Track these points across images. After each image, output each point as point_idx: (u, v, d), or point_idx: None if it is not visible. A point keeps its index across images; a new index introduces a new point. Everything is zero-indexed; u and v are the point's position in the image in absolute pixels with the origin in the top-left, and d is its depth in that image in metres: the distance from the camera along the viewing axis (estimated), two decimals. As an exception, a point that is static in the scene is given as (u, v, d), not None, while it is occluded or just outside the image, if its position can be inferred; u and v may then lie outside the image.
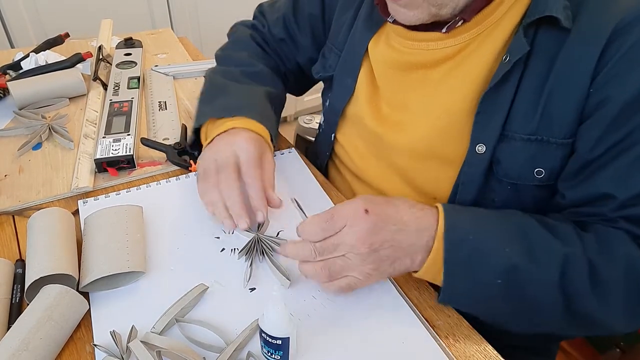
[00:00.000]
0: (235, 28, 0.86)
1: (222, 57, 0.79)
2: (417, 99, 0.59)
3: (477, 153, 0.54)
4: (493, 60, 0.53)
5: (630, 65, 0.46)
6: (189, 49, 1.19)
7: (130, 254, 0.51)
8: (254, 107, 0.66)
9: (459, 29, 0.54)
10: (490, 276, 0.46)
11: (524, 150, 0.52)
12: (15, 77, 0.91)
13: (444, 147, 0.57)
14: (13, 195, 0.64)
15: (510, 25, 0.52)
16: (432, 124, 0.57)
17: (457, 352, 0.46)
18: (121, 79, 0.93)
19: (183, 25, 1.95)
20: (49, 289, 0.45)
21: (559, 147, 0.51)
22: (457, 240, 0.46)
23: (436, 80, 0.57)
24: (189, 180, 0.68)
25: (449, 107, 0.56)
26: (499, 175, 0.54)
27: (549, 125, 0.50)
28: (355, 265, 0.47)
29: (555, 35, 0.49)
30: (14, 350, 0.40)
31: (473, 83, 0.54)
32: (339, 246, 0.47)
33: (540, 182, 0.53)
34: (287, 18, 0.77)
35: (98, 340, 0.45)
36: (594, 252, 0.47)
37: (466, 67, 0.55)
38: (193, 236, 0.58)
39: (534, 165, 0.52)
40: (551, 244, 0.47)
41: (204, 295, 0.50)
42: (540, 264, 0.46)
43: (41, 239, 0.51)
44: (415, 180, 0.62)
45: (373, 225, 0.46)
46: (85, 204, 0.63)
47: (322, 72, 0.74)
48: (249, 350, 0.44)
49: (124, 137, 0.72)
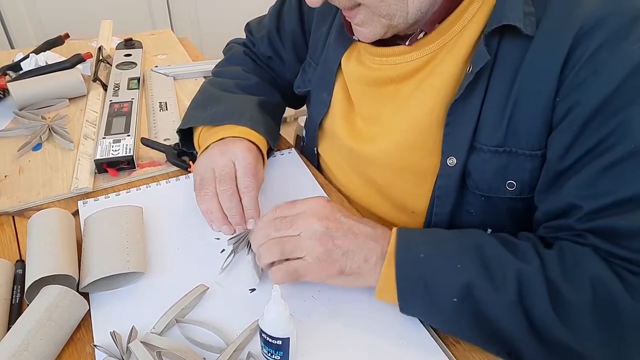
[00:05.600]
0: (229, 46, 0.87)
1: (218, 72, 0.80)
2: (389, 113, 0.59)
3: (449, 166, 0.53)
4: (459, 71, 0.52)
5: (594, 70, 0.44)
6: (189, 49, 1.19)
7: (131, 255, 0.51)
8: (245, 114, 0.66)
9: (422, 41, 0.53)
10: (446, 294, 0.44)
11: (493, 162, 0.51)
12: (15, 77, 0.91)
13: (417, 160, 0.57)
14: (13, 196, 0.64)
15: (473, 35, 0.51)
16: (404, 138, 0.57)
17: (457, 352, 0.46)
18: (121, 80, 0.93)
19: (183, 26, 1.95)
20: (49, 289, 0.45)
21: (527, 158, 0.50)
22: (409, 259, 0.46)
23: (406, 95, 0.57)
24: (189, 181, 0.68)
25: (419, 120, 0.55)
26: (471, 187, 0.54)
27: (516, 136, 0.49)
28: (307, 246, 0.47)
29: (519, 44, 0.48)
30: (14, 351, 0.40)
31: (440, 95, 0.53)
32: (295, 224, 0.48)
33: (513, 195, 0.52)
34: (271, 36, 0.78)
35: (98, 340, 0.45)
36: (555, 271, 0.43)
37: (433, 80, 0.54)
38: (193, 237, 0.58)
39: (505, 178, 0.52)
40: (506, 260, 0.44)
41: (204, 295, 0.50)
42: (494, 281, 0.43)
43: (41, 239, 0.51)
44: (393, 194, 0.62)
45: (333, 212, 0.49)
46: (85, 205, 0.63)
47: (302, 87, 0.75)
48: (249, 350, 0.44)
49: (124, 138, 0.72)
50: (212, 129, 0.66)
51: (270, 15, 0.78)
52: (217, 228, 0.58)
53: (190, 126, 0.68)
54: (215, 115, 0.66)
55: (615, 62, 0.43)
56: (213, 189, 0.58)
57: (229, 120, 0.65)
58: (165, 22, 1.91)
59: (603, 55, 0.44)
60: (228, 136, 0.63)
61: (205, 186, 0.58)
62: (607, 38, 0.44)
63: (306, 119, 0.75)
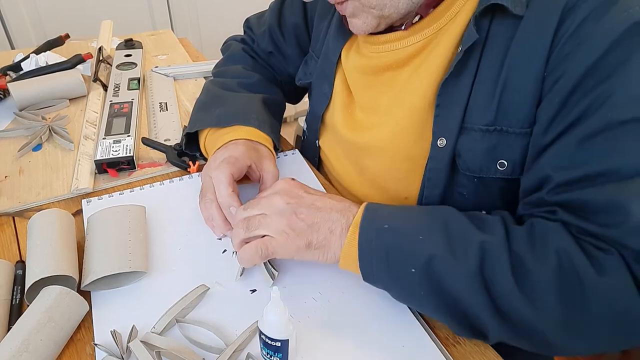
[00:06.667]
0: (228, 44, 0.87)
1: (219, 72, 0.80)
2: (387, 101, 0.60)
3: (439, 147, 0.54)
4: (451, 54, 0.53)
5: (579, 42, 0.44)
6: (189, 50, 1.19)
7: (133, 254, 0.51)
8: (252, 114, 0.66)
9: (418, 25, 0.54)
10: (406, 264, 0.44)
11: (483, 141, 0.51)
12: (15, 78, 0.91)
13: (410, 145, 0.57)
14: (13, 196, 0.64)
15: (466, 17, 0.51)
16: (399, 124, 0.58)
17: (457, 354, 0.46)
18: (121, 80, 0.93)
19: (183, 26, 1.96)
20: (49, 290, 0.45)
21: (517, 136, 0.50)
22: (372, 228, 0.46)
23: (403, 81, 0.58)
24: (192, 181, 0.68)
25: (413, 105, 0.56)
26: (462, 168, 0.54)
27: (506, 115, 0.50)
28: (271, 221, 0.49)
29: (509, 24, 0.48)
30: (15, 352, 0.40)
31: (433, 78, 0.54)
32: (259, 204, 0.51)
33: (505, 175, 0.52)
34: (272, 30, 0.78)
35: (99, 339, 0.45)
36: (520, 244, 0.43)
37: (428, 64, 0.54)
38: (195, 237, 0.58)
39: (495, 157, 0.52)
40: (470, 233, 0.44)
41: (205, 296, 0.50)
42: (456, 253, 0.43)
43: (41, 240, 0.51)
44: (387, 183, 0.62)
45: (295, 188, 0.51)
46: (88, 204, 0.63)
47: (303, 79, 0.75)
48: (248, 351, 0.44)
49: (124, 138, 0.73)
50: (218, 131, 0.66)
51: (271, 10, 0.79)
52: (220, 233, 0.58)
53: (197, 129, 0.67)
54: (220, 116, 0.66)
55: (599, 33, 0.43)
56: (211, 195, 0.58)
57: (235, 121, 0.65)
58: (166, 23, 1.91)
59: (588, 26, 0.44)
60: (234, 139, 0.62)
61: (205, 193, 0.59)
62: (592, 9, 0.44)
63: (307, 112, 0.76)
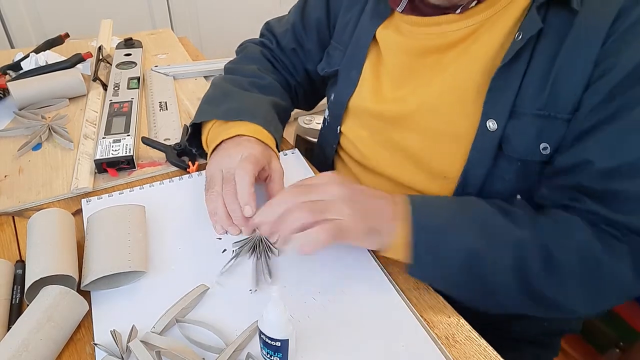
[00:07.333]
0: (244, 45, 0.87)
1: (232, 69, 0.80)
2: (425, 80, 0.61)
3: (488, 129, 0.55)
4: (503, 39, 0.54)
5: (633, 37, 0.47)
6: (189, 49, 1.19)
7: (132, 254, 0.51)
8: (259, 112, 0.67)
9: (472, 10, 0.56)
10: (450, 259, 0.50)
11: (532, 125, 0.53)
12: (15, 77, 0.91)
13: (452, 122, 0.58)
14: (13, 195, 0.64)
15: (521, 7, 0.54)
16: (440, 100, 0.59)
17: (457, 353, 0.46)
18: (121, 80, 0.93)
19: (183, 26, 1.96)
20: (49, 289, 0.45)
21: (563, 122, 0.52)
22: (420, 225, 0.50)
23: (447, 64, 0.59)
24: (192, 181, 0.68)
25: (457, 84, 0.57)
26: (508, 151, 0.55)
27: (556, 102, 0.52)
28: (339, 208, 0.49)
29: (565, 16, 0.51)
30: (14, 351, 0.40)
31: (481, 62, 0.55)
32: (317, 191, 0.50)
33: (545, 159, 0.54)
34: (296, 26, 0.79)
35: (98, 339, 0.45)
36: (550, 239, 0.49)
37: (476, 47, 0.56)
38: (195, 237, 0.58)
39: (539, 140, 0.53)
40: (506, 229, 0.50)
41: (205, 295, 0.50)
42: (494, 248, 0.49)
43: (41, 239, 0.51)
44: (425, 159, 0.62)
45: (341, 179, 0.53)
46: (88, 203, 0.63)
47: (327, 68, 0.76)
48: (248, 351, 0.44)
49: (124, 138, 0.72)
50: (223, 125, 0.65)
51: (295, 8, 0.81)
52: (221, 230, 0.58)
53: (203, 120, 0.68)
54: (228, 110, 0.66)
55: None
56: (219, 188, 0.58)
57: (243, 117, 0.65)
58: (166, 22, 1.91)
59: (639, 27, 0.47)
60: (240, 134, 0.62)
61: (212, 186, 0.58)
62: None
63: (331, 100, 0.76)
